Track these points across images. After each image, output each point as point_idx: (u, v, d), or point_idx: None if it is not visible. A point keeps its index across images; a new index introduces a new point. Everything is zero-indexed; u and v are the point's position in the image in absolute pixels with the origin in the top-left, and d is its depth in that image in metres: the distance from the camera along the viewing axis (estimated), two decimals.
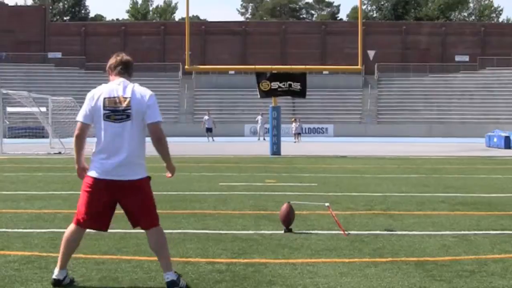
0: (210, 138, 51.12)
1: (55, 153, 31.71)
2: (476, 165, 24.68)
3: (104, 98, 6.49)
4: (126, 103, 6.51)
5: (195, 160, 26.40)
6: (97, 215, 6.58)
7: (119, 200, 6.60)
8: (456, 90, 70.36)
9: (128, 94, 6.57)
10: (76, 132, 6.59)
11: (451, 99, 68.81)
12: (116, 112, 6.46)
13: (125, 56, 6.85)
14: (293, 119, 52.48)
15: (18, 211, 10.97)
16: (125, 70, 6.79)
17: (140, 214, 6.60)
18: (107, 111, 6.46)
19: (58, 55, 76.68)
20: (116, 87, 6.57)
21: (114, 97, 6.50)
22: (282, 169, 22.42)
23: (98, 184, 6.52)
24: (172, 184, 15.82)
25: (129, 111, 6.50)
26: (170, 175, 6.96)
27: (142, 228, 6.70)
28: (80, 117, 6.56)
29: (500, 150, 37.50)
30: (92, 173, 6.57)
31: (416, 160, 27.54)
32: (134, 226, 6.75)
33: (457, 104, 68.03)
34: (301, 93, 31.89)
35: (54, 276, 6.53)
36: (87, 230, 6.73)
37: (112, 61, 6.83)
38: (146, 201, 6.60)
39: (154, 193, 6.73)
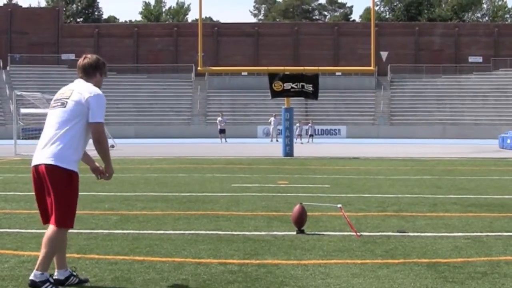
0: (223, 139, 51.21)
1: None
2: (489, 167, 24.60)
3: None
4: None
5: (208, 162, 26.45)
6: None
7: None
8: (469, 91, 70.12)
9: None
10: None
11: (464, 100, 68.60)
12: None
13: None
14: (297, 123, 52.03)
15: (32, 212, 11.02)
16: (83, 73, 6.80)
17: None
18: None
19: (72, 56, 76.77)
20: None
21: None
22: (295, 170, 22.43)
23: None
24: (185, 185, 15.86)
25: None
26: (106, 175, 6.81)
27: None
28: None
29: None
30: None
31: (429, 162, 27.48)
32: None
33: (470, 105, 67.80)
34: (314, 95, 31.89)
35: (55, 277, 6.60)
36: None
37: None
38: None
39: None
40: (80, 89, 6.58)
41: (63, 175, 6.32)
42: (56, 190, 6.30)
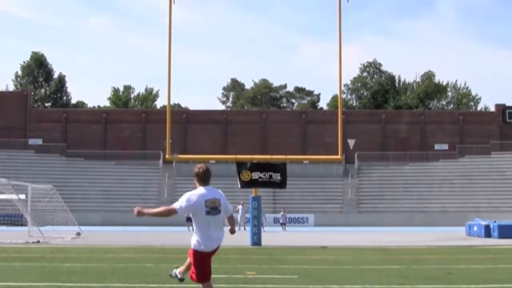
0: (191, 227, 50.79)
1: (33, 242, 31.36)
2: (457, 255, 24.63)
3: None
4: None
5: (176, 251, 26.16)
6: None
7: None
8: (436, 179, 70.81)
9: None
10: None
11: (431, 188, 69.18)
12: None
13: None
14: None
15: None
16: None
17: None
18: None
19: (39, 141, 76.66)
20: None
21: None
22: (263, 260, 22.26)
23: None
24: (153, 276, 15.60)
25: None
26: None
27: None
28: None
29: (481, 238, 37.55)
30: None
31: (396, 250, 27.46)
32: None
33: (437, 192, 68.35)
34: (282, 184, 31.95)
35: None
36: None
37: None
38: None
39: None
40: None
41: None
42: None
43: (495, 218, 46.47)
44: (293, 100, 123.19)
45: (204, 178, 9.78)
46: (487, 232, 38.88)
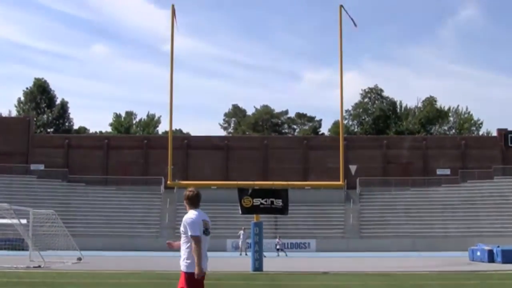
0: None
1: (34, 267, 31.25)
2: (460, 281, 24.47)
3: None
4: None
5: (177, 276, 26.00)
6: None
7: None
8: (438, 204, 70.60)
9: None
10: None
11: (434, 213, 68.94)
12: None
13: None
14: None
15: None
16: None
17: None
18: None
19: (41, 166, 76.62)
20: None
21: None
22: (264, 286, 22.13)
23: None
24: None
25: None
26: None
27: None
28: None
29: (484, 264, 37.37)
30: None
31: (399, 276, 27.29)
32: None
33: (439, 217, 68.12)
34: (283, 210, 31.86)
35: None
36: None
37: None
38: None
39: None
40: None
41: None
42: None
43: (498, 243, 46.25)
44: (295, 126, 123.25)
45: (195, 201, 10.36)
46: (491, 257, 38.71)
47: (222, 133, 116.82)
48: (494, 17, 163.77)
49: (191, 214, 9.99)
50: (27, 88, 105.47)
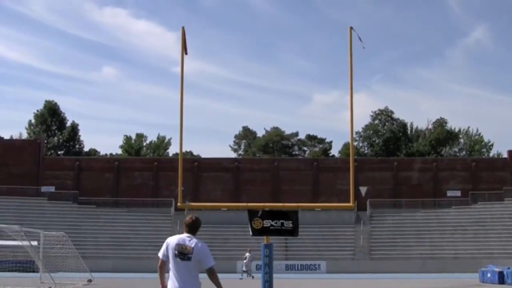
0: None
1: None
2: None
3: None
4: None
5: None
6: None
7: None
8: (448, 225, 70.41)
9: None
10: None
11: (444, 234, 68.76)
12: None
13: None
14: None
15: None
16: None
17: None
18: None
19: (51, 189, 76.92)
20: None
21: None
22: None
23: None
24: None
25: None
26: None
27: None
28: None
29: (494, 285, 37.26)
30: None
31: None
32: None
33: (449, 239, 67.92)
34: (293, 232, 31.79)
35: None
36: None
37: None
38: None
39: None
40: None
41: None
42: None
43: (508, 265, 46.07)
44: (305, 148, 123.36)
45: (191, 228, 10.15)
46: (501, 279, 38.60)
47: (233, 155, 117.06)
48: (503, 39, 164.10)
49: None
50: (37, 111, 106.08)
